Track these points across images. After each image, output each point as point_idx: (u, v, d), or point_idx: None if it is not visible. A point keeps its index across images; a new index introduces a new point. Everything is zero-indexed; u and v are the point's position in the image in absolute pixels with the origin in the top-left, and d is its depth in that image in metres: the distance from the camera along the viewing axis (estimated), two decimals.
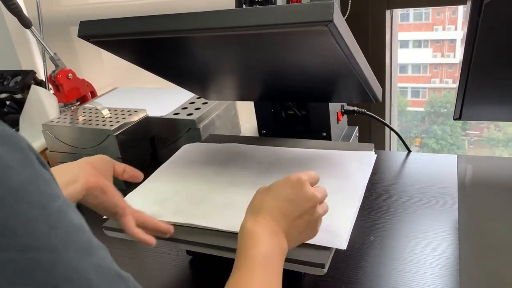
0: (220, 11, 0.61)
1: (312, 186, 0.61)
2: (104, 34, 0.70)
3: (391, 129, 1.14)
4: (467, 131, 3.38)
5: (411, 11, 3.13)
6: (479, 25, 0.59)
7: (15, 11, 1.20)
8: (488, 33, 0.59)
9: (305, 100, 0.98)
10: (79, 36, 0.72)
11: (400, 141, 1.14)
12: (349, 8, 1.19)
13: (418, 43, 4.19)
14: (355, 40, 0.66)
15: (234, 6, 0.86)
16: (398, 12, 1.34)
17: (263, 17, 0.60)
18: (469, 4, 0.59)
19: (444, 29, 3.88)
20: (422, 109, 3.87)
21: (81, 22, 0.71)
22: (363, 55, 0.70)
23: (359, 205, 0.72)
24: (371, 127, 1.32)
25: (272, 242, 0.54)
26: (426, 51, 4.16)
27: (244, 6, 0.84)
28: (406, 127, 3.43)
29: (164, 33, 0.66)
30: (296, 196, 0.58)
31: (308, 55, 0.70)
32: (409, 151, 1.09)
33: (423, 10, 3.41)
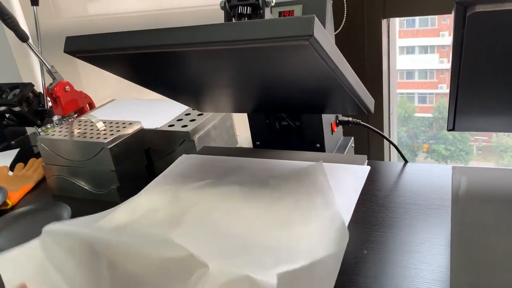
0: (202, 26, 0.61)
1: None
2: (89, 49, 0.69)
3: (387, 139, 1.13)
4: (475, 137, 3.34)
5: (417, 17, 3.12)
6: (464, 36, 0.58)
7: (11, 25, 1.21)
8: (474, 44, 0.58)
9: (298, 111, 0.97)
10: (65, 51, 0.72)
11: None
12: (344, 17, 1.19)
13: (424, 49, 4.16)
14: (340, 53, 0.65)
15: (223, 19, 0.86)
16: (397, 20, 1.33)
17: (245, 31, 0.59)
18: (453, 15, 0.58)
19: (450, 34, 3.84)
20: (430, 115, 3.83)
21: (67, 37, 0.71)
22: (350, 67, 0.70)
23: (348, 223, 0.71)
24: (369, 137, 1.31)
25: None
26: (432, 56, 4.13)
27: (233, 20, 0.83)
28: (413, 133, 3.40)
29: (148, 48, 0.66)
30: None
31: (294, 69, 0.69)
32: (406, 161, 1.08)
33: (428, 16, 3.40)
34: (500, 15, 0.51)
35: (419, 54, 4.30)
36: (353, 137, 1.10)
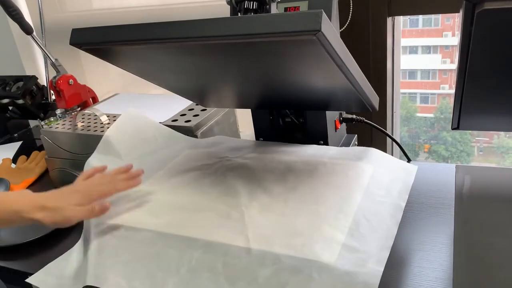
0: (209, 19, 0.61)
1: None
2: (95, 42, 0.69)
3: (390, 137, 1.13)
4: (476, 138, 3.33)
5: (420, 17, 3.10)
6: (472, 34, 0.58)
7: (16, 17, 1.21)
8: (482, 41, 0.58)
9: (302, 108, 0.97)
10: (70, 43, 0.72)
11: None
12: (350, 15, 1.19)
13: (428, 49, 4.14)
14: (346, 49, 0.65)
15: (229, 14, 0.86)
16: (401, 18, 1.33)
17: (251, 26, 0.59)
18: (461, 13, 0.57)
19: (453, 35, 3.83)
20: (431, 115, 3.82)
21: (73, 30, 0.71)
22: (356, 63, 0.69)
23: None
24: (372, 135, 1.31)
25: None
26: (435, 57, 4.12)
27: (239, 14, 0.83)
28: (415, 133, 3.40)
29: (153, 41, 0.66)
30: None
31: (300, 64, 0.69)
32: (409, 160, 1.08)
33: (432, 16, 3.38)
34: (509, 12, 0.51)
35: (422, 54, 4.27)
36: (356, 135, 1.10)
